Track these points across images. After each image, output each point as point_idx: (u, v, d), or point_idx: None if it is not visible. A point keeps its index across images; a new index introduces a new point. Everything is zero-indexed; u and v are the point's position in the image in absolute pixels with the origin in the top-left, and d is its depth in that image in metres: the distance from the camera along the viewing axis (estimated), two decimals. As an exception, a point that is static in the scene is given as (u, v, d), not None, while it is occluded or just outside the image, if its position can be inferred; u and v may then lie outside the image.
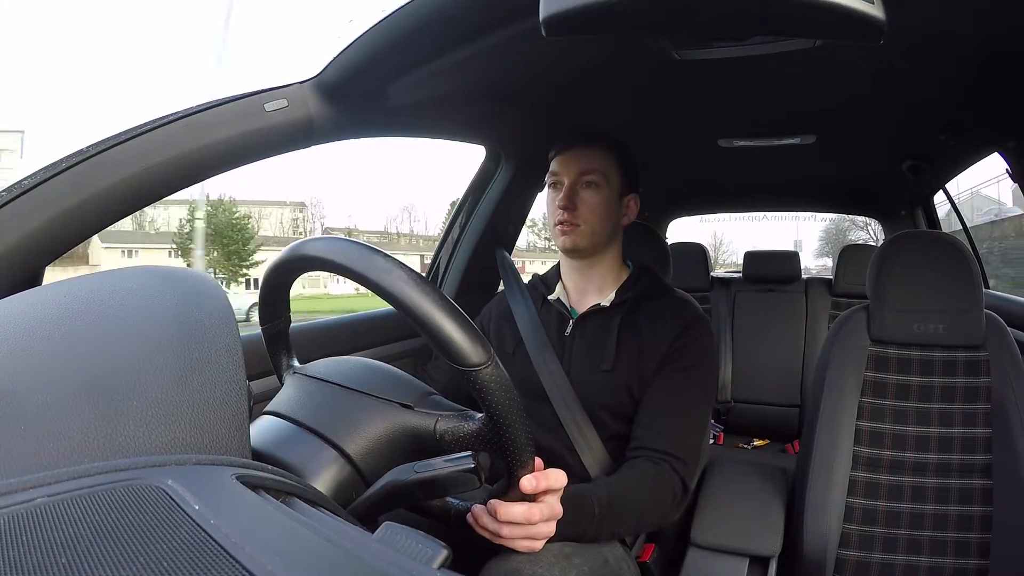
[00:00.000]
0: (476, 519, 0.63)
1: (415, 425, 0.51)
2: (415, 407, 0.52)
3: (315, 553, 0.24)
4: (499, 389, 0.46)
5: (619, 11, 0.51)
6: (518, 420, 0.48)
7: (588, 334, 0.95)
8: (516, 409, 0.47)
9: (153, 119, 0.67)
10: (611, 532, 0.78)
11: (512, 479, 0.55)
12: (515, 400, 0.47)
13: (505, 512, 0.61)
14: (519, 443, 0.49)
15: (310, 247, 0.49)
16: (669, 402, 0.88)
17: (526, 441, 0.50)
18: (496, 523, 0.62)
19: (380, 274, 0.44)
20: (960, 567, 0.97)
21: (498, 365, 0.46)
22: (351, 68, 0.76)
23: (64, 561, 0.20)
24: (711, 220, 4.97)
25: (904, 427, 1.03)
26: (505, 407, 0.46)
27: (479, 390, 0.46)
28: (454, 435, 0.50)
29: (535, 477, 0.56)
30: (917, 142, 1.41)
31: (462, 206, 1.47)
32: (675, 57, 0.87)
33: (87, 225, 0.63)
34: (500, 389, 0.46)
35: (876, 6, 0.47)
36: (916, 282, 1.05)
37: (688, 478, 0.85)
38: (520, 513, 0.61)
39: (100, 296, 0.34)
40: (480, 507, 0.63)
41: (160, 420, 0.28)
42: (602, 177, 0.94)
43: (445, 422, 0.50)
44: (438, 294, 0.45)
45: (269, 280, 0.55)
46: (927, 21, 0.75)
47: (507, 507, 0.61)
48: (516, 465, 0.52)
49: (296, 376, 0.56)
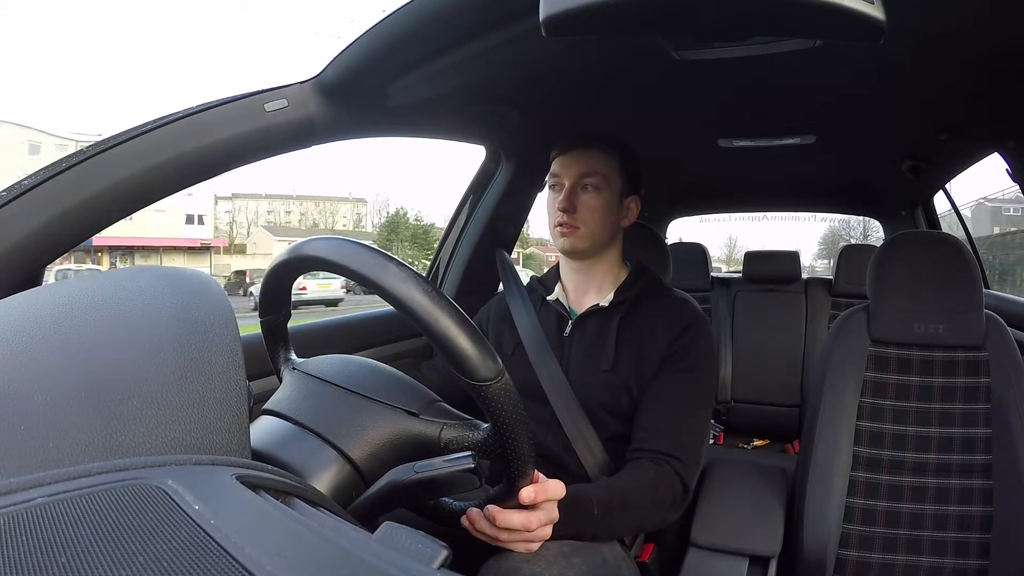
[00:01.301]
0: (472, 523, 0.63)
1: (420, 432, 0.51)
2: (420, 415, 0.52)
3: (315, 553, 0.24)
4: (507, 403, 0.46)
5: (619, 11, 0.51)
6: (523, 433, 0.48)
7: (587, 334, 0.95)
8: (522, 422, 0.48)
9: (153, 119, 0.67)
10: (610, 532, 0.78)
11: (512, 488, 0.55)
12: (521, 413, 0.48)
13: (504, 520, 0.61)
14: (523, 455, 0.50)
15: (315, 247, 0.49)
16: (669, 403, 0.88)
17: (529, 453, 0.51)
18: (494, 529, 0.62)
19: (395, 282, 0.44)
20: (960, 567, 0.97)
21: (507, 379, 0.47)
22: (351, 68, 0.76)
23: (64, 561, 0.20)
24: (725, 221, 4.88)
25: (904, 427, 1.03)
26: (512, 420, 0.47)
27: (488, 403, 0.46)
28: (459, 444, 0.50)
29: (535, 489, 0.56)
30: (917, 142, 1.41)
31: (462, 206, 1.47)
32: (675, 57, 0.87)
33: (87, 225, 0.63)
34: (508, 403, 0.47)
35: (876, 6, 0.47)
36: (916, 282, 1.05)
37: (689, 479, 0.85)
38: (519, 521, 0.61)
39: (100, 296, 0.34)
40: (476, 511, 0.63)
41: (160, 420, 0.28)
42: (603, 179, 0.94)
43: (450, 431, 0.50)
44: (452, 307, 0.45)
45: (278, 275, 0.55)
46: (927, 21, 0.75)
47: (506, 515, 0.61)
48: (517, 475, 0.53)
49: (296, 373, 0.56)
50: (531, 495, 0.54)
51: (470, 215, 1.45)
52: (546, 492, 0.61)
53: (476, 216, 1.44)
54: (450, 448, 0.50)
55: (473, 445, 0.50)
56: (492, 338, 1.04)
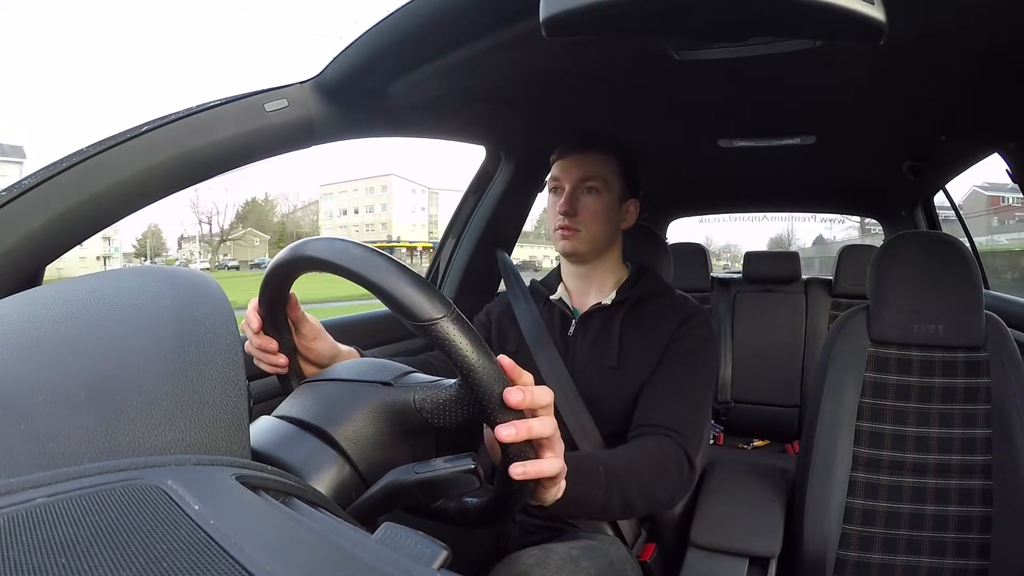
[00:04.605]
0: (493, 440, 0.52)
1: (395, 400, 0.51)
2: (394, 384, 0.52)
3: (315, 553, 0.24)
4: (464, 336, 0.44)
5: (619, 11, 0.51)
6: (489, 366, 0.45)
7: (591, 333, 0.95)
8: (485, 354, 0.45)
9: (153, 119, 0.67)
10: (622, 501, 0.72)
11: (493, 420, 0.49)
12: (482, 346, 0.45)
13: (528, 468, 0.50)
14: (494, 388, 0.46)
15: (312, 247, 0.49)
16: (669, 383, 0.88)
17: (501, 381, 0.47)
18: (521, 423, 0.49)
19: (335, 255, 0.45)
20: (960, 568, 0.97)
21: (458, 314, 0.44)
22: (351, 68, 0.76)
23: (63, 561, 0.20)
24: (706, 221, 4.86)
25: (904, 428, 1.03)
26: (472, 355, 0.44)
27: (443, 342, 0.43)
28: (433, 403, 0.49)
29: (521, 390, 0.47)
30: (917, 142, 1.41)
31: (462, 206, 1.47)
32: (675, 57, 0.87)
33: (87, 225, 0.63)
34: (465, 336, 0.44)
35: (876, 6, 0.47)
36: (916, 282, 1.05)
37: (691, 452, 0.82)
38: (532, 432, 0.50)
39: (100, 296, 0.34)
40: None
41: (160, 420, 0.28)
42: (602, 183, 0.95)
43: (422, 392, 0.50)
44: (388, 257, 0.45)
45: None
46: (927, 21, 0.75)
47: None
48: (496, 410, 0.47)
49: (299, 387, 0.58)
50: (519, 395, 0.46)
51: (470, 215, 1.45)
52: (533, 393, 0.49)
53: (476, 216, 1.44)
54: (426, 409, 0.49)
55: (447, 401, 0.49)
56: (494, 336, 1.04)
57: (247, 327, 0.59)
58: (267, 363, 0.61)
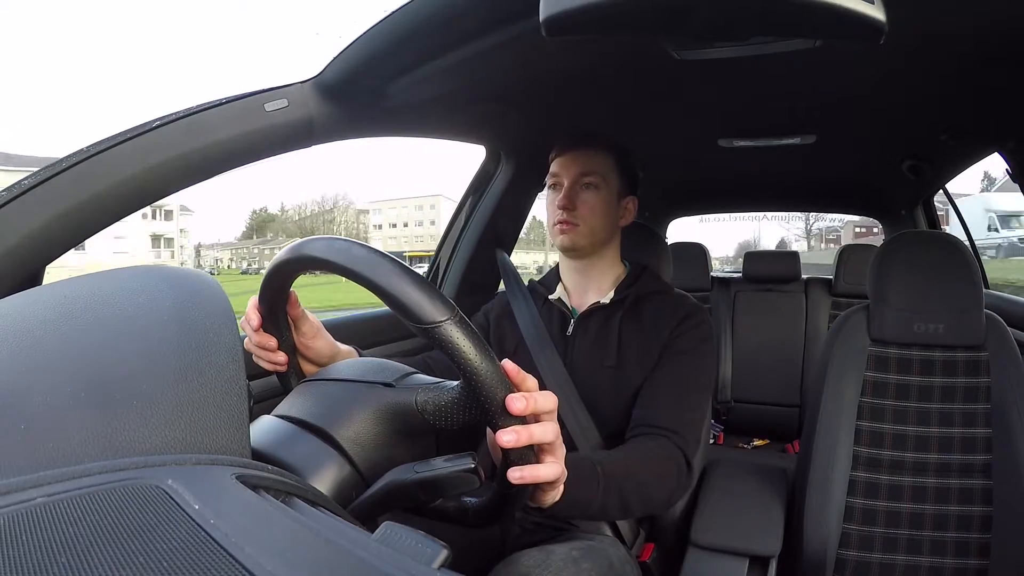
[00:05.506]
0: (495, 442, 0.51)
1: (396, 401, 0.51)
2: (396, 385, 0.52)
3: (315, 553, 0.24)
4: (467, 339, 0.43)
5: (619, 11, 0.51)
6: (492, 370, 0.45)
7: (590, 332, 0.96)
8: (488, 358, 0.45)
9: (153, 119, 0.67)
10: (619, 503, 0.72)
11: (495, 424, 0.49)
12: (486, 350, 0.45)
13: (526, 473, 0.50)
14: (497, 391, 0.46)
15: (313, 246, 0.49)
16: (666, 383, 0.88)
17: (504, 386, 0.47)
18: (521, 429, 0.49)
19: (336, 255, 0.45)
20: (960, 567, 0.97)
21: (462, 317, 0.44)
22: (351, 68, 0.76)
23: (64, 561, 0.20)
24: (684, 223, 4.71)
25: (904, 427, 1.03)
26: (476, 358, 0.44)
27: (447, 345, 0.43)
28: (435, 405, 0.49)
29: (524, 397, 0.47)
30: (917, 142, 1.41)
31: (462, 206, 1.47)
32: (675, 57, 0.87)
33: (87, 225, 0.63)
34: (468, 339, 0.43)
35: (876, 6, 0.47)
36: (916, 282, 1.05)
37: (689, 453, 0.82)
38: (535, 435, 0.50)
39: (100, 296, 0.34)
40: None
41: (160, 420, 0.28)
42: (601, 179, 0.95)
43: (424, 393, 0.50)
44: (392, 258, 0.44)
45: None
46: (927, 21, 0.75)
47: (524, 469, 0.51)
48: (497, 413, 0.47)
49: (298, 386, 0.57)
50: (521, 402, 0.45)
51: (470, 215, 1.45)
52: (536, 400, 0.49)
53: (476, 216, 1.44)
54: (428, 410, 0.49)
55: (449, 403, 0.49)
56: (493, 336, 1.04)
57: (247, 324, 0.59)
58: (266, 360, 0.61)
